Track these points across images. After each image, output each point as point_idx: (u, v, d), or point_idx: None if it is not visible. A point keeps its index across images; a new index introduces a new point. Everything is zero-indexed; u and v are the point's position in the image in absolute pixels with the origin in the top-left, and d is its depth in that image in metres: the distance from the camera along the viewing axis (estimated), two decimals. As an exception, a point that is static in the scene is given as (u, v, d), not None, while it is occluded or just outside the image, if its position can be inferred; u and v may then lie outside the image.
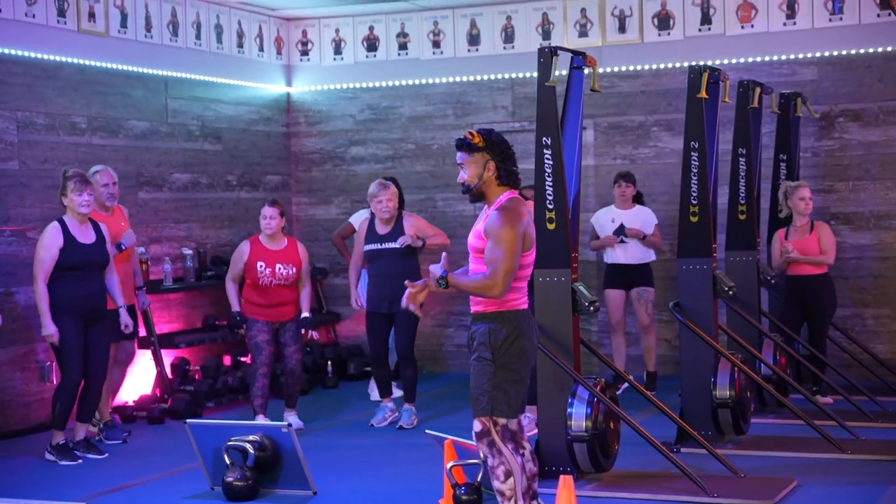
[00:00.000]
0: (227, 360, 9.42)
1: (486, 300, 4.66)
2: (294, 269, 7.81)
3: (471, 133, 4.72)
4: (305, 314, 7.92)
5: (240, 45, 10.20)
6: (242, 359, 9.30)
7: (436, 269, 4.73)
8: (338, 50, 10.68)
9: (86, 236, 7.04)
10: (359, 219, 8.90)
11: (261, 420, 7.80)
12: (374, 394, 8.82)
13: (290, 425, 6.14)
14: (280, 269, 7.77)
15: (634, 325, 9.35)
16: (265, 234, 7.83)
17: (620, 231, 8.86)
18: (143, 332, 8.41)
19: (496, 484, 4.70)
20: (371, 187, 7.91)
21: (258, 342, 7.78)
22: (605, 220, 9.02)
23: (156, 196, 9.34)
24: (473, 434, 4.72)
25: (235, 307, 7.80)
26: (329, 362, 9.81)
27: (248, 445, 6.06)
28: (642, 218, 8.93)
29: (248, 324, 7.81)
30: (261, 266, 7.74)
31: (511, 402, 4.67)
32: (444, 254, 4.89)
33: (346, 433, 7.84)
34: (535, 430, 6.30)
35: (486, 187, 4.71)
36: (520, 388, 4.72)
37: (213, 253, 9.67)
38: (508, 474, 4.67)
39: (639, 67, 9.79)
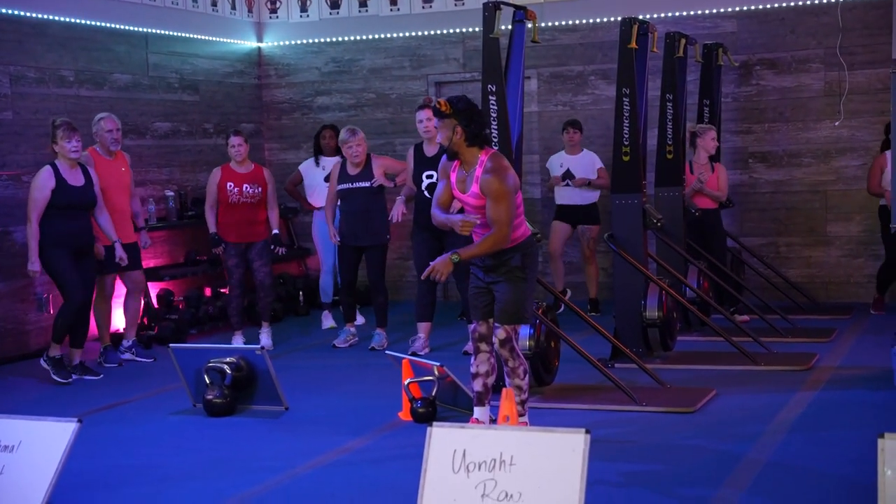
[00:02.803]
0: (207, 291, 9.34)
1: (516, 237, 4.92)
2: (260, 189, 7.90)
3: (439, 102, 4.92)
4: (275, 231, 8.02)
5: (214, 4, 9.97)
6: (222, 290, 9.22)
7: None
8: (304, 8, 10.47)
9: (75, 179, 6.93)
10: (306, 167, 8.98)
11: (238, 337, 7.97)
12: (327, 322, 8.82)
13: (263, 347, 6.11)
14: (247, 187, 7.86)
15: (573, 256, 9.35)
16: (235, 161, 7.92)
17: (567, 175, 8.81)
18: (146, 265, 8.33)
19: (516, 381, 5.00)
20: (341, 134, 7.82)
21: (230, 266, 7.94)
22: (555, 164, 8.99)
23: (140, 143, 9.18)
24: (497, 342, 4.96)
25: (213, 228, 7.87)
26: (300, 292, 9.77)
27: (225, 367, 6.02)
28: (587, 161, 8.88)
29: (224, 247, 7.88)
30: (230, 185, 7.86)
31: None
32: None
33: (315, 355, 7.82)
34: None
35: (458, 147, 4.91)
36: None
37: (193, 195, 9.54)
38: (525, 372, 5.02)
39: (577, 21, 9.68)
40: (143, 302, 8.33)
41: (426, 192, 7.43)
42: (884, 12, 8.84)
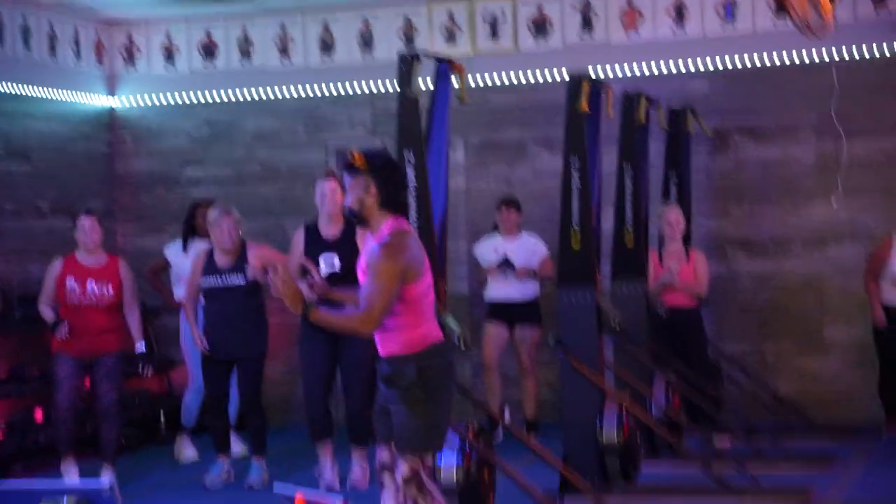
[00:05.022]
0: (38, 415, 9.24)
1: (403, 343, 4.95)
2: (110, 289, 7.82)
3: (352, 153, 5.00)
4: (140, 345, 7.96)
5: (52, 50, 10.10)
6: (58, 414, 9.15)
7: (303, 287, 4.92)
8: (169, 57, 10.66)
9: None
10: (172, 251, 9.01)
11: (69, 465, 7.82)
12: (189, 452, 8.85)
13: (112, 487, 6.07)
14: (92, 286, 7.78)
15: (513, 367, 9.50)
16: (84, 250, 7.85)
17: (505, 265, 9.00)
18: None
19: None
20: (210, 213, 7.93)
21: (59, 378, 7.79)
22: (487, 250, 9.13)
23: (-48, 225, 9.18)
24: (401, 480, 4.94)
25: (53, 316, 7.77)
26: (162, 414, 9.75)
27: (63, 509, 5.98)
28: (530, 247, 9.07)
29: (54, 359, 7.81)
30: (70, 282, 7.76)
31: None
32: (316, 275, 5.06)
33: (180, 495, 7.80)
34: None
35: (369, 213, 4.97)
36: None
37: (21, 291, 9.48)
38: None
39: (514, 79, 10.01)
40: None
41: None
42: (888, 70, 9.33)
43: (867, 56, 9.42)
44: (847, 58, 9.41)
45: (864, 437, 8.73)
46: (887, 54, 9.36)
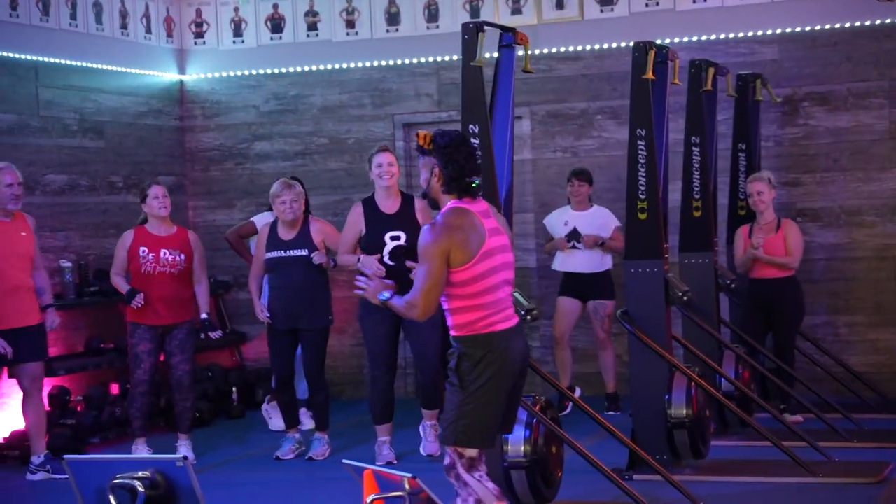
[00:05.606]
0: (114, 389, 9.32)
1: (453, 326, 4.91)
2: (183, 257, 7.93)
3: (419, 134, 4.98)
4: (204, 314, 8.03)
5: (123, 27, 10.12)
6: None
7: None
8: (237, 31, 10.64)
9: None
10: (262, 221, 8.92)
11: (140, 446, 7.88)
12: (276, 421, 8.77)
13: (185, 458, 6.06)
14: (165, 254, 7.87)
15: (584, 339, 9.39)
16: (156, 218, 7.93)
17: (573, 236, 8.89)
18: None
19: None
20: (273, 186, 7.92)
21: (138, 352, 7.87)
22: (557, 222, 9.04)
23: (27, 201, 9.12)
24: (444, 466, 4.98)
25: (127, 286, 7.83)
26: (234, 388, 9.77)
27: (137, 483, 5.94)
28: (600, 220, 8.95)
29: (130, 329, 7.87)
30: (143, 251, 7.85)
31: (484, 432, 4.88)
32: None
33: (251, 468, 7.81)
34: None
35: (436, 194, 4.96)
36: (491, 415, 4.90)
37: (97, 266, 9.56)
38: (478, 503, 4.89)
39: (579, 48, 9.88)
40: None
41: (389, 259, 7.45)
42: (960, 34, 9.10)
43: (939, 19, 9.17)
44: (919, 20, 9.18)
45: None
46: (960, 17, 9.12)
